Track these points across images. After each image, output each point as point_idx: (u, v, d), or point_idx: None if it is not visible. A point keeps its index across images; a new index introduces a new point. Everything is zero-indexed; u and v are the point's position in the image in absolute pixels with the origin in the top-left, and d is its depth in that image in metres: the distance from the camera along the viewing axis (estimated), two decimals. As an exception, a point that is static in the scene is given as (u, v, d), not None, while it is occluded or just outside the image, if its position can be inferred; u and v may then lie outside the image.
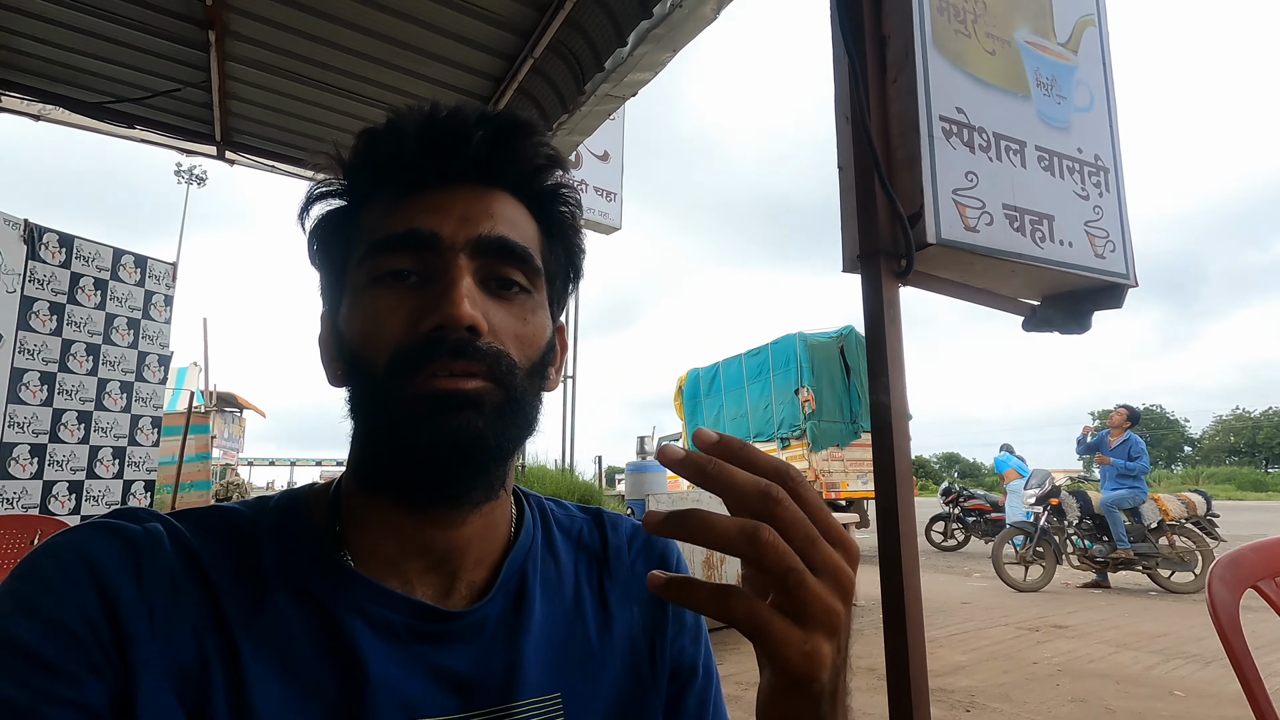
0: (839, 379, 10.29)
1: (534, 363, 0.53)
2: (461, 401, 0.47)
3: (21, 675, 0.39)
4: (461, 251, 0.50)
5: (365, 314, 0.50)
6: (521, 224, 0.55)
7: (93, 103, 3.92)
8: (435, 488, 0.50)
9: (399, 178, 0.53)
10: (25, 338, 4.31)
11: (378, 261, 0.51)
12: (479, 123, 0.52)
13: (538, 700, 0.53)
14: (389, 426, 0.48)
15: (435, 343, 0.47)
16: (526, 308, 0.53)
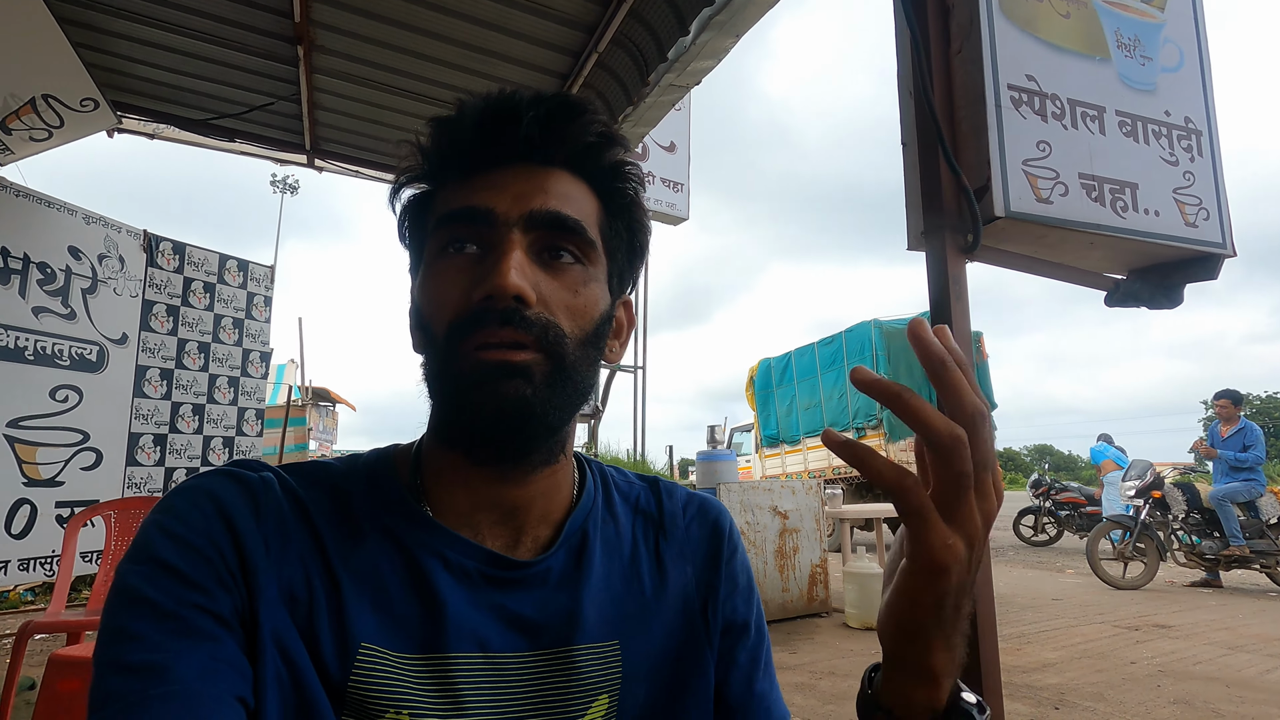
0: (917, 366, 9.88)
1: (586, 333, 0.55)
2: (510, 371, 0.51)
3: (165, 585, 0.47)
4: (515, 226, 0.54)
5: (432, 284, 0.55)
6: (578, 199, 0.57)
7: (198, 120, 4.26)
8: (493, 448, 0.55)
9: (464, 159, 0.57)
10: (146, 338, 4.75)
11: (442, 235, 0.56)
12: (531, 104, 0.56)
13: (597, 645, 0.57)
14: (448, 390, 0.54)
15: (485, 312, 0.51)
16: (579, 279, 0.56)
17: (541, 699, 0.54)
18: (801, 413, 11.48)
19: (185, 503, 0.51)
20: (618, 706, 0.57)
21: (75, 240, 4.30)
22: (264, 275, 5.60)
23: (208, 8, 3.32)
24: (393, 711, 0.50)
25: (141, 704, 0.41)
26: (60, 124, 3.85)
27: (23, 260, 3.98)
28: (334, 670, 0.50)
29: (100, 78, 3.72)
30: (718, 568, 0.66)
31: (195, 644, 0.45)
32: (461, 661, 0.53)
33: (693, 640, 0.62)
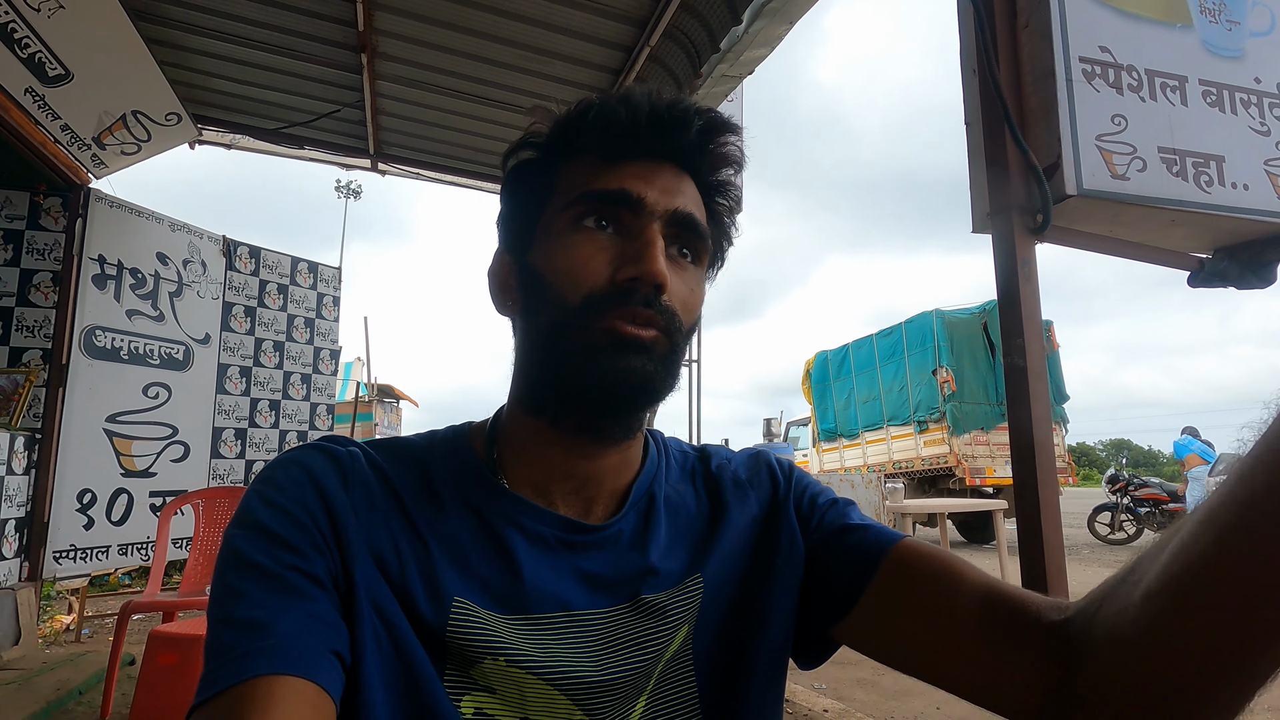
0: (982, 357, 9.58)
1: (690, 327, 0.60)
2: (639, 346, 0.55)
3: (266, 548, 0.51)
4: (660, 218, 0.57)
5: (567, 254, 0.57)
6: (701, 207, 0.62)
7: (271, 129, 4.48)
8: (591, 419, 0.58)
9: (620, 144, 0.59)
10: (227, 337, 5.02)
11: (584, 208, 0.58)
12: (698, 114, 0.60)
13: (679, 587, 0.60)
14: (569, 357, 0.56)
15: (629, 292, 0.55)
16: (695, 278, 0.61)
17: (628, 644, 0.57)
18: (860, 406, 11.24)
19: (283, 474, 0.55)
20: (693, 633, 0.60)
21: (163, 247, 4.59)
22: (332, 276, 5.84)
23: (278, 21, 3.49)
24: (490, 658, 0.53)
25: (248, 655, 0.46)
26: (148, 138, 4.11)
27: (117, 266, 4.28)
28: (432, 622, 0.53)
29: (182, 93, 3.96)
30: (776, 480, 0.69)
31: (293, 602, 0.49)
32: (546, 620, 0.56)
33: (763, 558, 0.64)
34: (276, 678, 0.44)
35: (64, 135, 3.69)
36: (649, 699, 0.58)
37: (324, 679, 0.47)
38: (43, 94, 3.37)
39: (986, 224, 1.40)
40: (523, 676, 0.53)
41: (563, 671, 0.54)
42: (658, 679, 0.58)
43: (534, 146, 0.63)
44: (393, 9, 3.34)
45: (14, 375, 3.89)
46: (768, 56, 3.45)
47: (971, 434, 9.39)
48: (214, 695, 0.45)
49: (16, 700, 2.89)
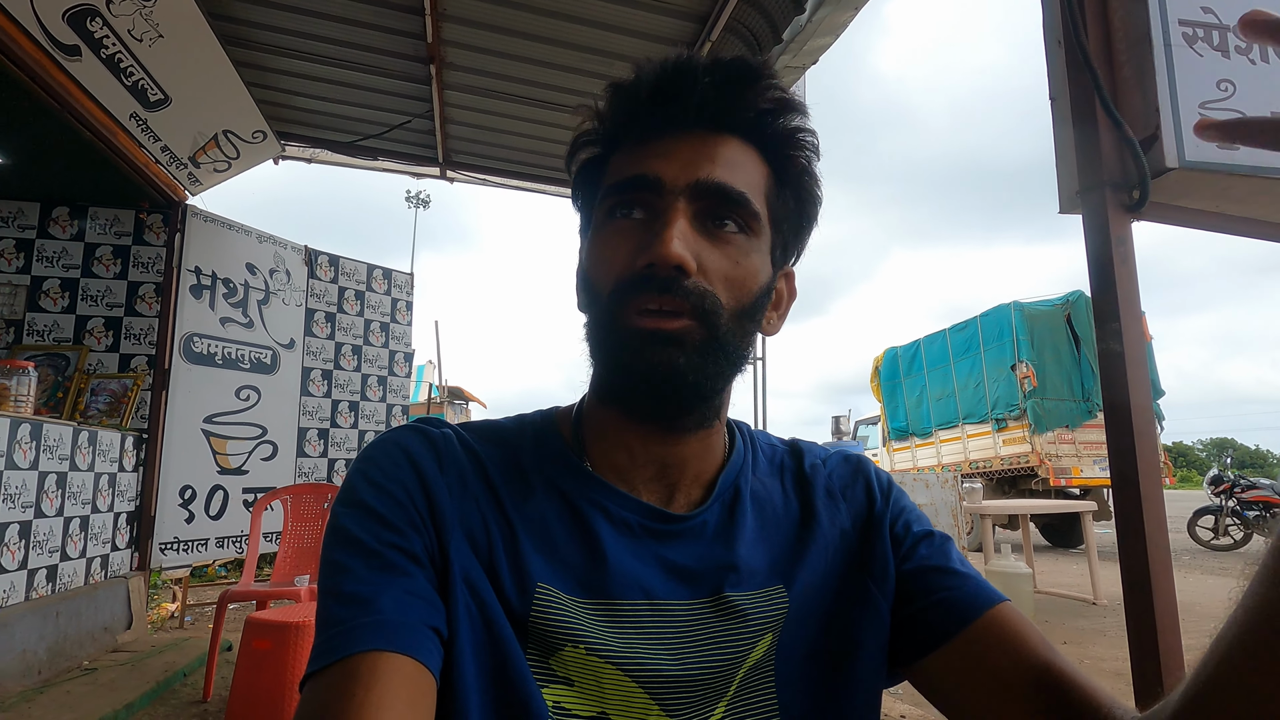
0: (1066, 351, 9.08)
1: (743, 305, 0.56)
2: (664, 339, 0.52)
3: (368, 525, 0.53)
4: (681, 195, 0.54)
5: (599, 248, 0.57)
6: (746, 167, 0.57)
7: (346, 142, 4.69)
8: (647, 409, 0.58)
9: (638, 125, 0.58)
10: (310, 342, 5.29)
11: (610, 201, 0.57)
12: (706, 71, 0.55)
13: (760, 591, 0.59)
14: (609, 350, 0.56)
15: (646, 279, 0.52)
16: (741, 250, 0.56)
17: (708, 640, 0.56)
18: (933, 403, 10.84)
19: (382, 454, 0.57)
20: (777, 644, 0.58)
21: (251, 257, 4.87)
22: (405, 282, 6.06)
23: (353, 38, 3.65)
24: (570, 645, 0.53)
25: (354, 631, 0.48)
26: (237, 155, 4.38)
27: (211, 277, 4.57)
28: (516, 605, 0.54)
29: (267, 111, 4.19)
30: (873, 496, 0.66)
31: (394, 579, 0.51)
32: (628, 606, 0.56)
33: (854, 577, 0.61)
34: (380, 654, 0.46)
35: (164, 156, 3.97)
36: (729, 704, 0.56)
37: (423, 655, 0.48)
38: (145, 118, 3.63)
39: (1076, 203, 1.32)
40: (601, 666, 0.53)
41: (641, 663, 0.54)
42: (739, 686, 0.56)
43: (583, 147, 0.63)
44: (459, 19, 3.44)
45: (123, 380, 4.21)
46: (832, 45, 3.37)
47: (1055, 432, 8.90)
48: (323, 668, 0.47)
49: (130, 679, 3.12)
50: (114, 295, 4.37)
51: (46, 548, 3.23)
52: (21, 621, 2.98)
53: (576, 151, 0.63)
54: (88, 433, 3.58)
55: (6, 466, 2.93)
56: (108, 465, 3.75)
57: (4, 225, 4.29)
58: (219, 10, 3.42)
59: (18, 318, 4.22)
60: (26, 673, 2.99)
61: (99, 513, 3.68)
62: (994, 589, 0.59)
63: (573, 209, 0.66)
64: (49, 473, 3.23)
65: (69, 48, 2.97)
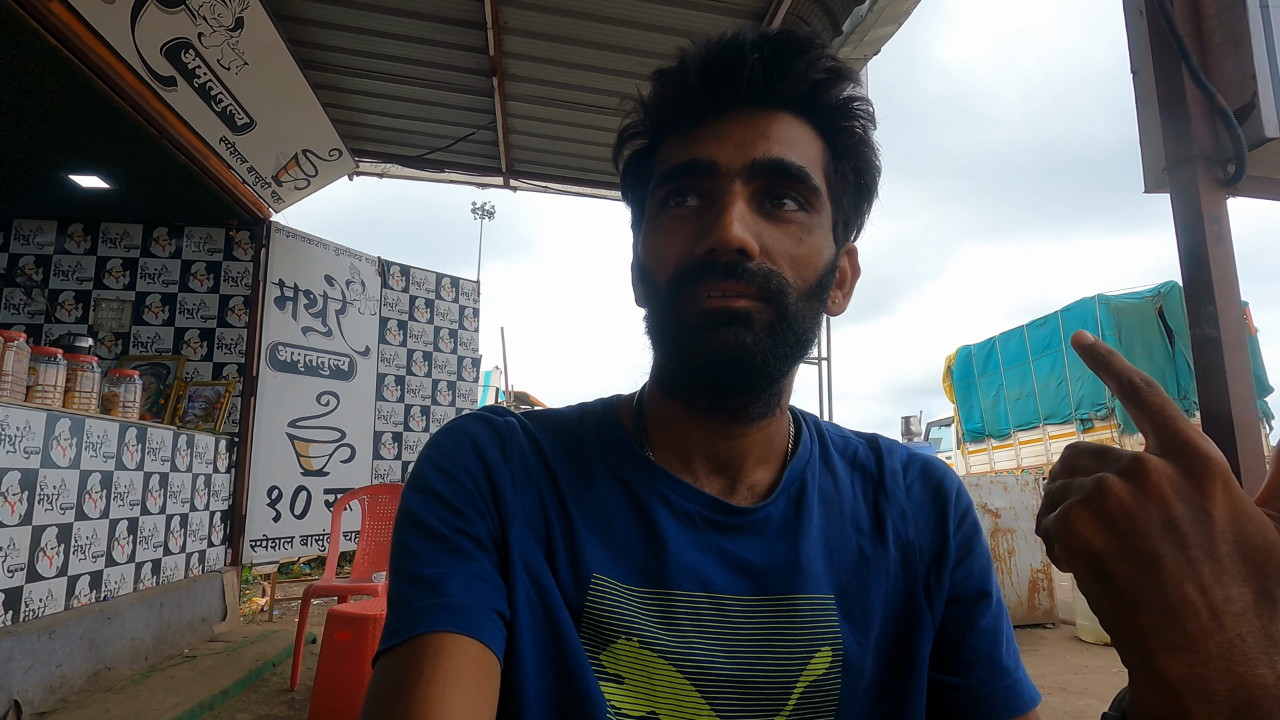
0: (1158, 346, 8.51)
1: (810, 284, 0.54)
2: (730, 318, 0.51)
3: (436, 510, 0.54)
4: (737, 177, 0.52)
5: (654, 237, 0.56)
6: (802, 143, 0.55)
7: (415, 156, 4.88)
8: (713, 396, 0.56)
9: (687, 110, 0.56)
10: (383, 349, 5.51)
11: (664, 190, 0.56)
12: (753, 47, 0.53)
13: (817, 596, 0.57)
14: (670, 339, 0.55)
15: (708, 265, 0.51)
16: (803, 228, 0.54)
17: (764, 642, 0.55)
18: (1011, 403, 10.36)
19: (449, 441, 0.59)
20: (843, 663, 0.56)
21: (329, 269, 5.12)
22: (472, 290, 6.25)
23: (419, 55, 3.80)
24: (624, 638, 0.53)
25: (422, 611, 0.49)
26: (315, 173, 4.62)
27: (293, 289, 4.83)
28: (572, 595, 0.54)
29: (342, 130, 4.41)
30: (944, 532, 0.62)
31: (460, 562, 0.52)
32: (685, 598, 0.55)
33: (913, 605, 0.59)
34: (446, 635, 0.48)
35: (250, 176, 4.23)
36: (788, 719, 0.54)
37: (488, 637, 0.49)
38: (233, 141, 3.88)
39: (1163, 180, 1.24)
40: (654, 662, 0.53)
41: (694, 659, 0.53)
42: (799, 701, 0.54)
43: (630, 139, 0.61)
44: (519, 31, 3.53)
45: (217, 386, 4.50)
46: (894, 34, 3.29)
47: (1148, 433, 8.34)
48: (394, 646, 0.49)
49: (226, 667, 3.33)
50: (207, 308, 4.68)
51: (151, 543, 3.49)
52: (131, 611, 3.22)
53: (623, 145, 0.62)
54: (186, 436, 3.84)
55: (117, 467, 3.18)
56: (204, 466, 4.02)
57: (113, 246, 4.66)
58: (298, 37, 3.63)
59: (125, 331, 4.58)
60: (135, 658, 3.23)
61: (196, 511, 3.95)
62: (1033, 689, 0.59)
63: (624, 205, 0.65)
64: (153, 473, 3.48)
65: (166, 79, 3.21)
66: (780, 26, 0.53)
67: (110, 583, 3.15)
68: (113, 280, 4.63)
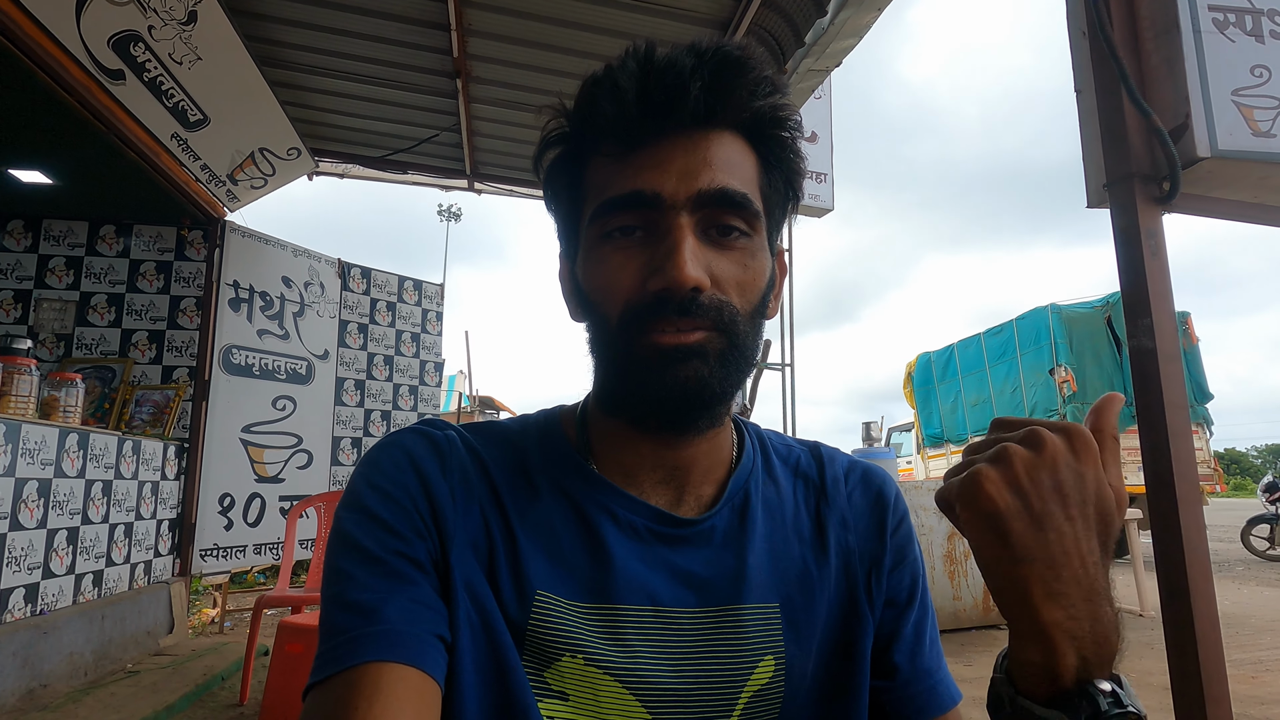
0: (1107, 354, 8.81)
1: (755, 305, 0.55)
2: (686, 354, 0.51)
3: (372, 532, 0.53)
4: (683, 209, 0.52)
5: (599, 269, 0.55)
6: (740, 164, 0.55)
7: (377, 157, 4.80)
8: (665, 423, 0.56)
9: (622, 133, 0.54)
10: (343, 353, 5.40)
11: (607, 221, 0.54)
12: (695, 71, 0.52)
13: (761, 606, 0.57)
14: (622, 374, 0.55)
15: (662, 302, 0.51)
16: (747, 252, 0.54)
17: (709, 654, 0.55)
18: (968, 409, 10.61)
19: (385, 458, 0.57)
20: (785, 671, 0.56)
21: (287, 271, 5.00)
22: (435, 293, 6.16)
23: (382, 55, 3.73)
24: (569, 655, 0.52)
25: (358, 641, 0.47)
26: (273, 172, 4.51)
27: (249, 290, 4.70)
28: (515, 614, 0.53)
29: (301, 129, 4.31)
30: (883, 538, 0.63)
31: (398, 587, 0.50)
32: (632, 612, 0.55)
33: (852, 612, 0.60)
34: (384, 665, 0.46)
35: (203, 174, 4.11)
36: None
37: (428, 664, 0.48)
38: (186, 138, 3.76)
39: (1104, 196, 1.29)
40: (599, 678, 0.52)
41: (640, 675, 0.53)
42: (743, 712, 0.55)
43: (555, 146, 0.59)
44: (484, 34, 3.50)
45: (166, 390, 4.35)
46: (855, 46, 3.35)
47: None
48: (327, 677, 0.47)
49: (171, 682, 3.20)
50: (157, 309, 4.52)
51: (93, 553, 3.35)
52: (69, 625, 3.09)
53: (546, 151, 0.60)
54: (132, 442, 3.70)
55: (55, 475, 3.04)
56: (151, 474, 3.87)
57: (55, 244, 4.48)
58: (254, 33, 3.54)
59: (67, 332, 4.40)
60: (74, 674, 3.09)
61: (142, 520, 3.80)
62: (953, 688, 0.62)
63: (547, 212, 0.64)
64: (95, 480, 3.35)
65: (113, 72, 3.10)
66: (720, 41, 0.53)
67: (47, 596, 3.01)
68: (55, 280, 4.44)
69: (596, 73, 0.55)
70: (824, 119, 7.01)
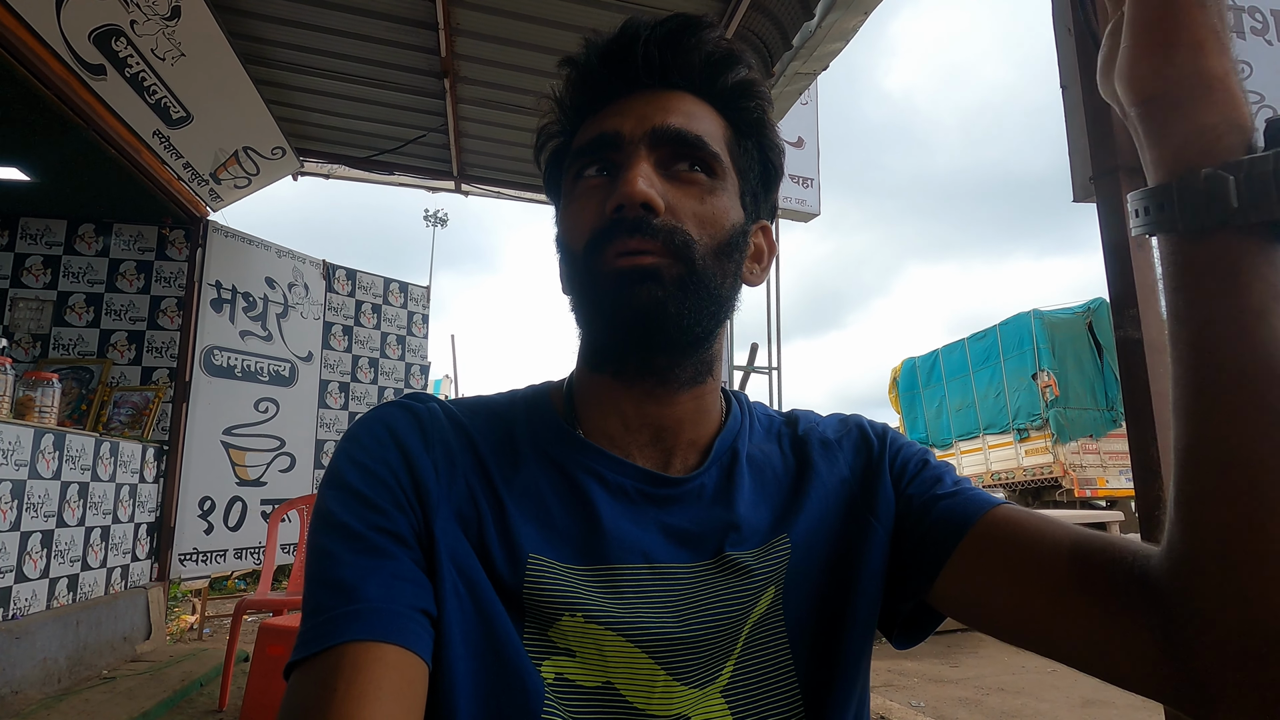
0: (1088, 359, 8.93)
1: (718, 242, 0.56)
2: (641, 275, 0.53)
3: (353, 508, 0.52)
4: (640, 143, 0.56)
5: (570, 209, 0.59)
6: (701, 118, 0.58)
7: (362, 157, 4.76)
8: (639, 356, 0.57)
9: (592, 95, 0.60)
10: (327, 355, 5.34)
11: (577, 166, 0.59)
12: (649, 29, 0.57)
13: (764, 546, 0.58)
14: (587, 303, 0.57)
15: (616, 223, 0.53)
16: (705, 189, 0.57)
17: (711, 601, 0.55)
18: (953, 414, 10.70)
19: (366, 433, 0.56)
20: (783, 595, 0.57)
21: (270, 272, 4.94)
22: (421, 295, 6.12)
23: (369, 54, 3.71)
24: (568, 614, 0.52)
25: (338, 620, 0.47)
26: (257, 171, 4.46)
27: (231, 291, 4.64)
28: (508, 579, 0.53)
29: (286, 128, 4.27)
30: (869, 448, 0.65)
31: (379, 563, 0.50)
32: (627, 571, 0.55)
33: (856, 518, 0.60)
34: (363, 644, 0.45)
35: (185, 172, 4.06)
36: (738, 662, 0.55)
37: (411, 641, 0.47)
38: (168, 135, 3.72)
39: (1090, 190, 1.30)
40: (602, 633, 0.52)
41: (643, 627, 0.53)
42: (746, 641, 0.55)
43: (551, 137, 0.64)
44: (472, 34, 3.49)
45: (145, 392, 4.28)
46: (842, 50, 3.38)
47: (1079, 442, 8.73)
48: (308, 657, 0.46)
49: (148, 688, 3.14)
50: (137, 310, 4.45)
51: (68, 557, 3.27)
52: (43, 630, 3.01)
53: (544, 144, 0.65)
54: (109, 444, 3.63)
55: (30, 476, 2.98)
56: (129, 476, 3.80)
57: (32, 242, 4.40)
58: (239, 29, 3.51)
59: (44, 332, 4.32)
60: (47, 680, 3.01)
61: (120, 523, 3.73)
62: (989, 496, 0.59)
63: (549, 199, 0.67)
64: (71, 483, 3.28)
65: (94, 67, 3.05)
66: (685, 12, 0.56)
67: (20, 600, 2.93)
68: (32, 279, 4.36)
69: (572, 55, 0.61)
70: (810, 125, 7.06)
